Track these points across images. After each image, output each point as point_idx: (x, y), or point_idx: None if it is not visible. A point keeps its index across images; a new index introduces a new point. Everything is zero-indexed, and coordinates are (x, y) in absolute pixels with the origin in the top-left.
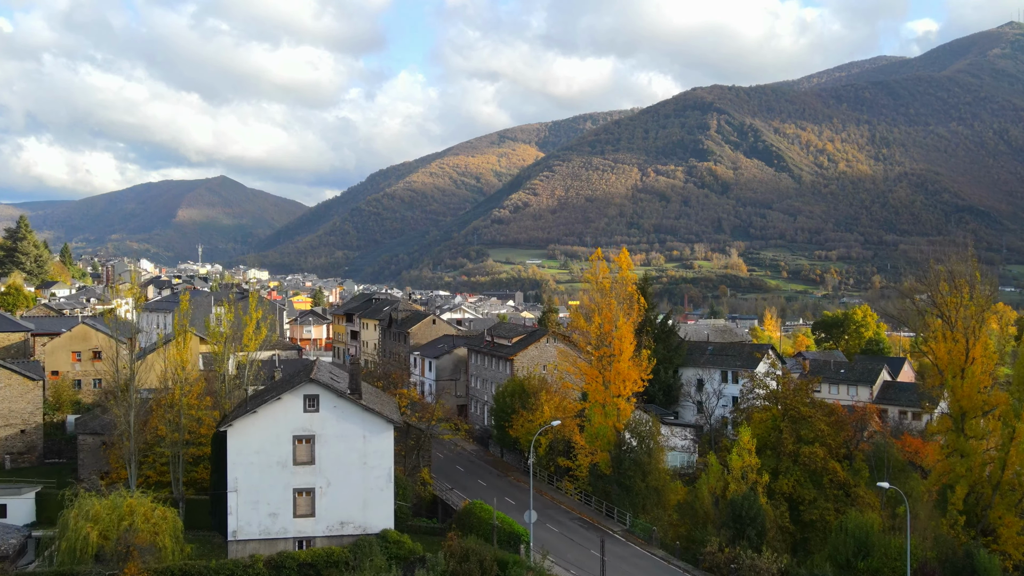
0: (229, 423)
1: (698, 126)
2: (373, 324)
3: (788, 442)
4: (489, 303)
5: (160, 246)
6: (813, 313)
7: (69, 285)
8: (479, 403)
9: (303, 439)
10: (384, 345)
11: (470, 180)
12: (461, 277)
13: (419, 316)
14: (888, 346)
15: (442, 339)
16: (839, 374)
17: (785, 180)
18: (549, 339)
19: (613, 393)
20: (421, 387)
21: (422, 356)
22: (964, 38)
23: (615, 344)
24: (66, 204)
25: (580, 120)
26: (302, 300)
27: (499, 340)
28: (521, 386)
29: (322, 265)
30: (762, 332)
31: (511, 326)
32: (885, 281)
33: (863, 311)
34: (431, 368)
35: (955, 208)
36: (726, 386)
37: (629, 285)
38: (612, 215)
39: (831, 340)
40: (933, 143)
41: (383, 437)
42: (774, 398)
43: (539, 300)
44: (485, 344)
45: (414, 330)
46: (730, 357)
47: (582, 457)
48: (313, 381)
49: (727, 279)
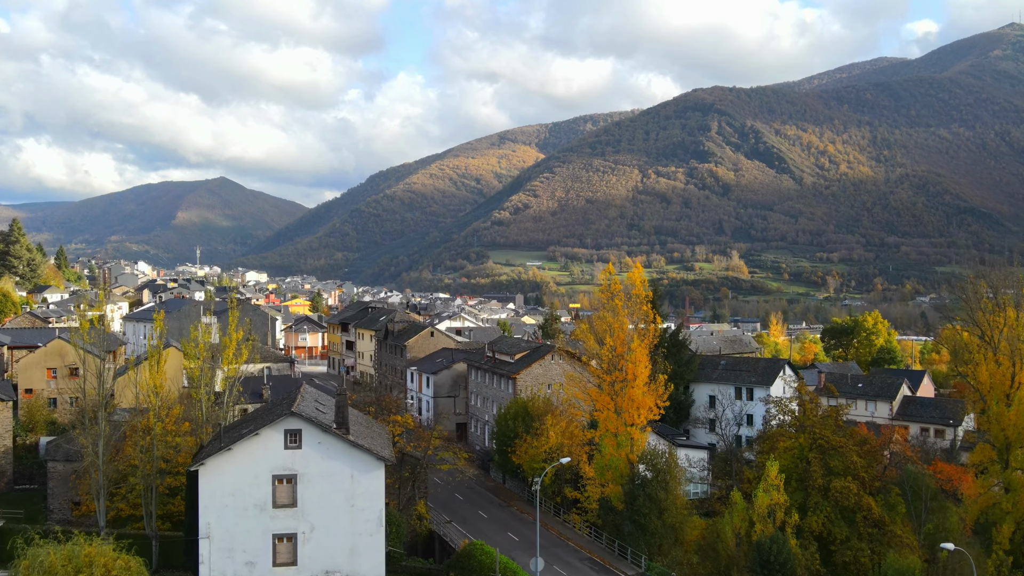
0: (201, 461)
1: (699, 127)
2: (369, 335)
3: (817, 475)
4: (489, 306)
5: (160, 247)
6: (816, 316)
7: (63, 289)
8: (479, 422)
9: (284, 479)
10: (380, 357)
11: (470, 182)
12: (461, 279)
13: (416, 328)
14: (900, 355)
15: (440, 352)
16: (856, 388)
17: (786, 182)
18: (554, 356)
19: (626, 422)
20: (418, 403)
21: (419, 371)
22: (965, 39)
23: (628, 368)
24: (65, 205)
25: (580, 121)
26: (300, 303)
27: (501, 356)
28: (524, 408)
29: (322, 267)
30: (768, 338)
31: (513, 340)
32: (886, 283)
33: (873, 318)
34: (429, 384)
35: (957, 210)
36: (740, 403)
37: (643, 304)
38: (613, 217)
39: (840, 348)
40: (935, 145)
41: (373, 476)
42: (800, 426)
43: (540, 303)
44: (486, 360)
45: (411, 343)
46: (744, 372)
47: (591, 488)
48: (295, 414)
49: (728, 281)
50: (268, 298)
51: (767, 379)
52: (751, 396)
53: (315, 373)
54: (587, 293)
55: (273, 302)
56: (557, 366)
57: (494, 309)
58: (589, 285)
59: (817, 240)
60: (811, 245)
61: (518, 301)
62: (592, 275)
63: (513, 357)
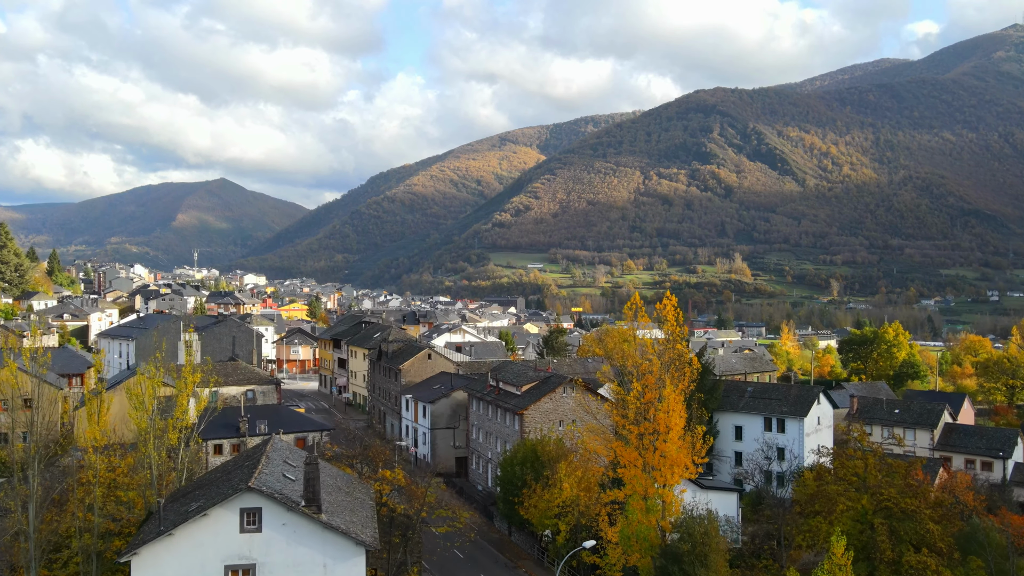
0: (134, 550)
1: (701, 129)
2: (362, 353)
3: (885, 546)
4: (490, 310)
5: (159, 249)
6: (820, 319)
7: (51, 296)
8: (482, 459)
9: (240, 571)
10: (373, 379)
11: (471, 183)
12: (462, 282)
13: (412, 349)
14: (923, 368)
15: (438, 378)
16: (893, 415)
17: (789, 184)
18: (566, 388)
19: (658, 482)
20: (414, 434)
21: (415, 399)
22: (967, 40)
23: (660, 419)
24: (65, 207)
25: (581, 123)
26: (298, 307)
27: (505, 386)
28: (534, 452)
29: (322, 269)
30: (780, 347)
31: (519, 368)
32: (890, 286)
33: (895, 329)
34: (425, 414)
35: (961, 212)
36: (770, 435)
37: (678, 342)
38: (614, 219)
39: (859, 360)
40: (938, 146)
41: (351, 565)
42: (863, 484)
43: (541, 306)
44: (488, 389)
45: (407, 366)
46: (774, 401)
47: (613, 554)
48: (253, 490)
49: (731, 284)
50: (265, 302)
51: (800, 409)
52: (782, 428)
53: (305, 391)
54: (589, 296)
55: (270, 306)
56: (570, 399)
57: (495, 315)
58: (591, 288)
59: (820, 243)
60: (814, 248)
61: (519, 305)
62: (594, 278)
63: (520, 389)
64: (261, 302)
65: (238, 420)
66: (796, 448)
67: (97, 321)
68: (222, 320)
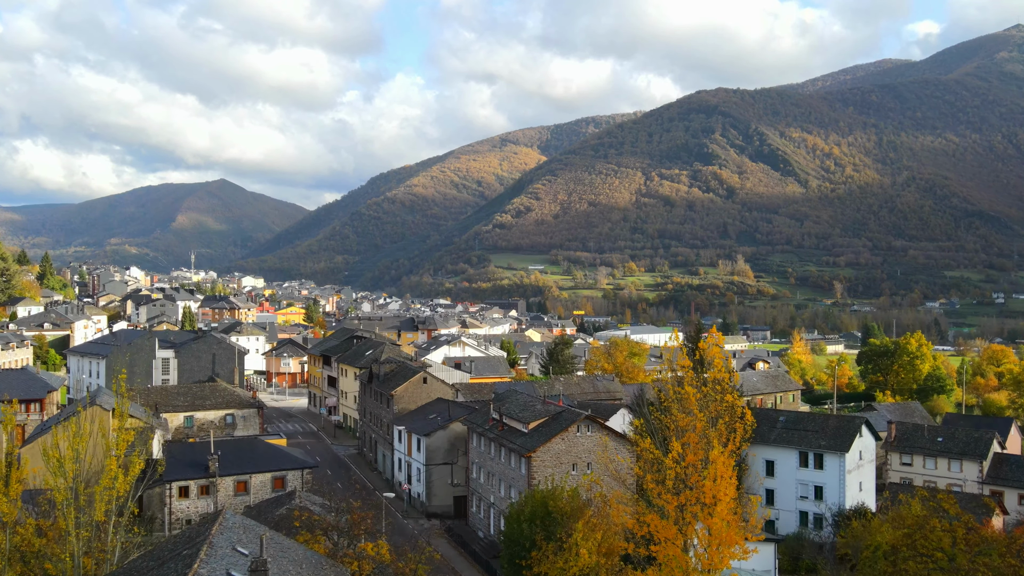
0: None
1: (703, 129)
2: (354, 372)
3: None
4: (491, 314)
5: (159, 250)
6: (824, 322)
7: (39, 302)
8: (483, 502)
9: None
10: (364, 403)
11: (471, 184)
12: (462, 283)
13: (406, 371)
14: (949, 382)
15: (435, 405)
16: (936, 444)
17: (791, 185)
18: (580, 427)
19: (702, 566)
20: (407, 469)
21: (408, 431)
22: (970, 41)
23: (706, 488)
24: (65, 207)
25: (582, 123)
26: (295, 311)
27: (510, 422)
28: (544, 506)
29: (321, 270)
30: (793, 356)
31: (525, 400)
32: (894, 288)
33: (917, 339)
34: (420, 447)
35: (965, 213)
36: (806, 471)
37: (728, 392)
38: (616, 220)
39: (879, 372)
40: (941, 147)
41: None
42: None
43: (543, 309)
44: (491, 424)
45: (399, 392)
46: (810, 433)
47: None
48: None
49: (734, 286)
50: (261, 306)
51: (840, 443)
52: (820, 464)
53: (294, 410)
54: (590, 298)
55: (267, 310)
56: (586, 439)
57: (496, 319)
58: (592, 290)
59: (823, 244)
60: (817, 249)
61: (520, 308)
62: (595, 279)
63: (526, 426)
64: (257, 306)
65: (207, 458)
66: (836, 487)
67: (83, 329)
68: (201, 336)
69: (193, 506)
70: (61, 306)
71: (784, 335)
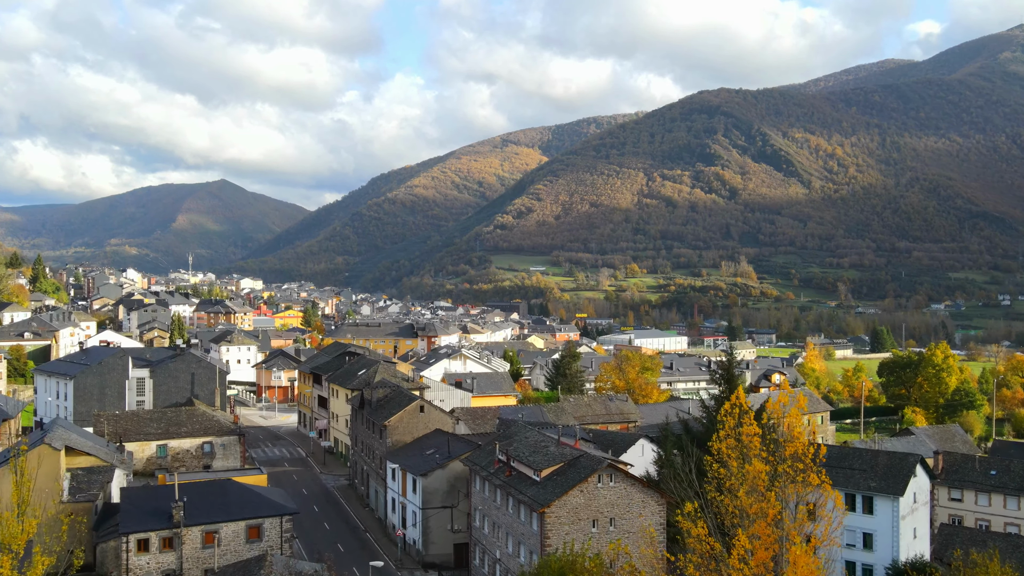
0: None
1: (705, 130)
2: (345, 394)
3: None
4: (493, 318)
5: (159, 251)
6: (830, 324)
7: (27, 307)
8: (488, 555)
9: None
10: (355, 430)
11: (472, 184)
12: (463, 285)
13: (401, 399)
14: (979, 397)
15: (433, 437)
16: (989, 479)
17: (794, 186)
18: (602, 477)
19: None
20: (401, 511)
21: (403, 469)
22: (973, 41)
23: None
24: (65, 208)
25: (583, 124)
26: (293, 314)
27: (519, 466)
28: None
29: (322, 271)
30: (807, 366)
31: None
32: (899, 289)
33: (943, 351)
34: (415, 488)
35: (969, 214)
36: (854, 516)
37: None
38: (617, 221)
39: (901, 385)
40: (945, 148)
41: None
42: None
43: (544, 311)
44: (497, 467)
45: (393, 423)
46: (858, 472)
47: None
48: None
49: (737, 288)
50: (259, 309)
51: (893, 484)
52: (870, 508)
53: (283, 429)
54: (592, 300)
55: (264, 313)
56: (607, 491)
57: (498, 323)
58: (594, 291)
59: (827, 245)
60: (820, 251)
61: (522, 310)
62: (597, 281)
63: (539, 473)
64: (255, 310)
65: (171, 504)
66: (888, 535)
67: (68, 337)
68: (180, 354)
69: (154, 561)
70: (46, 313)
71: (790, 338)
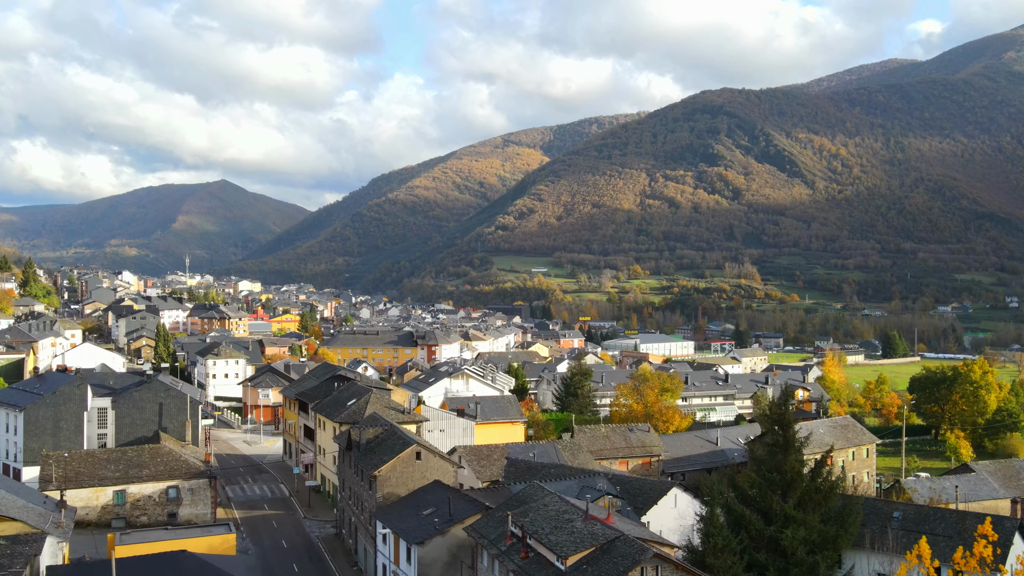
0: None
1: (708, 130)
2: (333, 427)
3: None
4: (495, 322)
5: (159, 252)
6: (836, 327)
7: (10, 314)
8: None
9: None
10: (343, 473)
11: (474, 185)
12: (464, 286)
13: (394, 442)
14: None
15: (431, 491)
16: None
17: (798, 186)
18: (647, 570)
19: None
20: None
21: (395, 533)
22: (977, 41)
23: None
24: (65, 208)
25: (585, 124)
26: (291, 318)
27: (538, 546)
28: None
29: (322, 272)
30: (828, 377)
31: (558, 511)
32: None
33: (981, 366)
34: (410, 559)
35: (974, 215)
36: None
37: None
38: (620, 222)
39: (934, 402)
40: (949, 148)
41: None
42: None
43: (547, 313)
44: (510, 544)
45: (385, 472)
46: (940, 538)
47: None
48: None
49: (741, 289)
50: (255, 313)
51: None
52: None
53: (267, 459)
54: (595, 302)
55: (261, 317)
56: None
57: (500, 328)
58: (596, 293)
59: (831, 246)
60: (825, 252)
61: (524, 313)
62: (600, 282)
63: (564, 561)
64: (251, 314)
65: None
66: None
67: (49, 348)
68: (146, 382)
69: None
70: (27, 322)
71: (797, 342)
